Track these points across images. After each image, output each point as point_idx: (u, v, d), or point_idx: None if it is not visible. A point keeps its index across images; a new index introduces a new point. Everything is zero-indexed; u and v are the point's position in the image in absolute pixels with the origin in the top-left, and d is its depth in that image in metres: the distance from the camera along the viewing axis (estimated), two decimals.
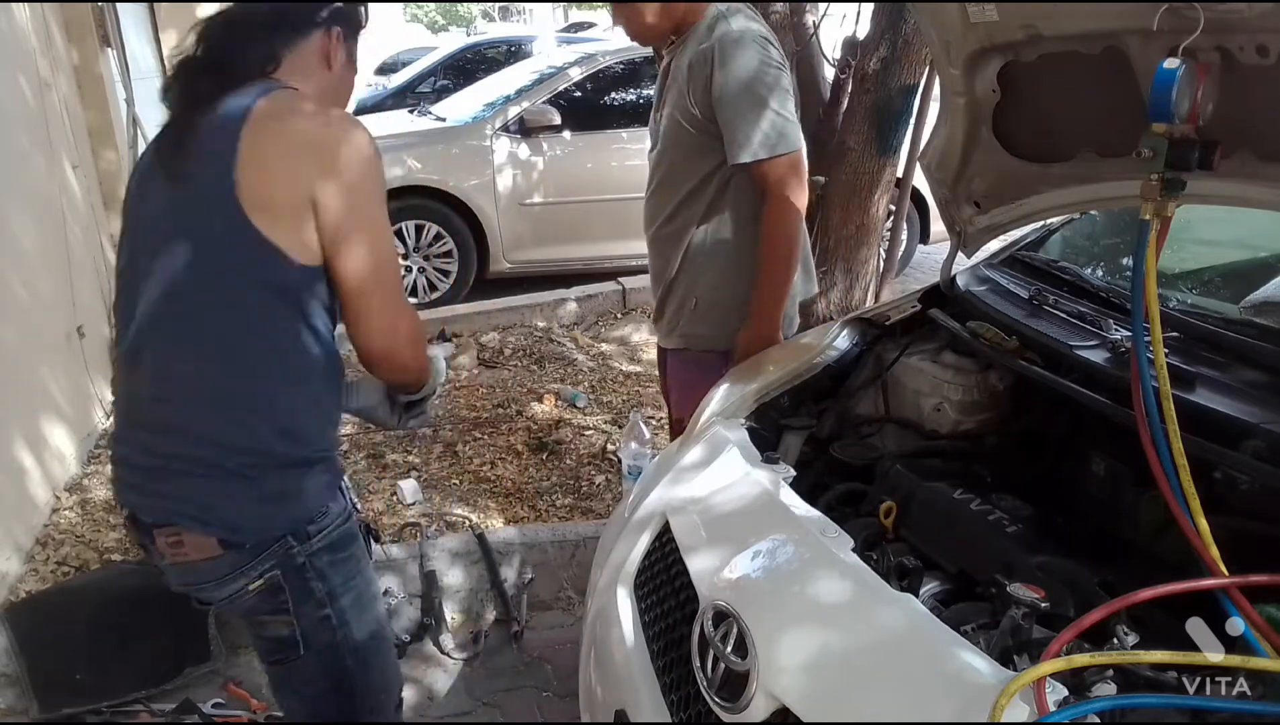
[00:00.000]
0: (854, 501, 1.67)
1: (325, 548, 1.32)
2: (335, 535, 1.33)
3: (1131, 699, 1.01)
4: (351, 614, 1.37)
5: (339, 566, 1.34)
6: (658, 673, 1.38)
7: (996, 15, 1.52)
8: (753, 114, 1.86)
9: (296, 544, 1.29)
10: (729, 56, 1.85)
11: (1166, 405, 1.25)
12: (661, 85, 2.07)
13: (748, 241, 2.01)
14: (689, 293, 2.09)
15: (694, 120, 1.92)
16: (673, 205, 2.04)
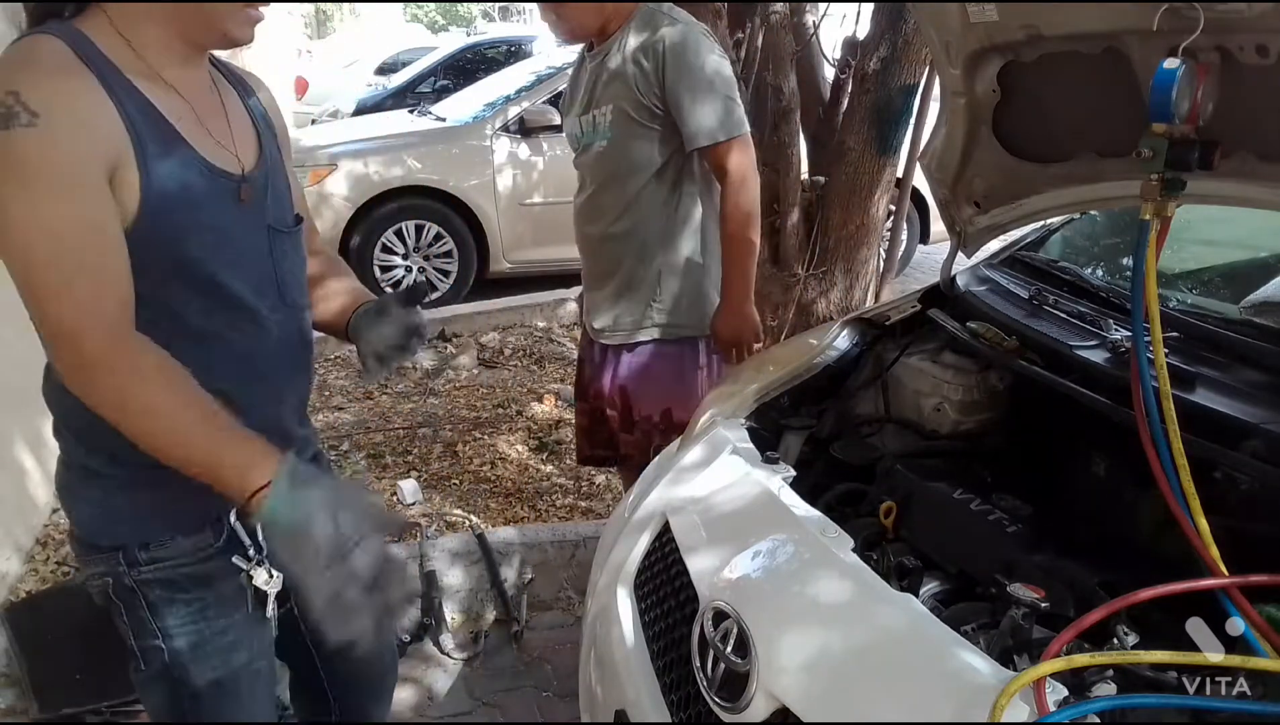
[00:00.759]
0: (854, 501, 1.67)
1: (159, 582, 1.16)
2: (176, 574, 1.16)
3: (1131, 699, 1.01)
4: (187, 659, 1.20)
5: (177, 607, 1.17)
6: (658, 673, 1.38)
7: (996, 15, 1.52)
8: (711, 100, 1.92)
9: (124, 564, 1.15)
10: (682, 48, 1.91)
11: (1166, 405, 1.25)
12: (591, 84, 2.05)
13: (711, 225, 2.09)
14: (654, 285, 2.09)
15: (646, 113, 1.95)
16: (625, 200, 2.04)
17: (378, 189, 5.28)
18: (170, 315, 1.09)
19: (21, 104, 0.94)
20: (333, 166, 5.27)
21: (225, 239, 1.12)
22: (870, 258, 3.93)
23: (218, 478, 1.03)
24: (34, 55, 1.00)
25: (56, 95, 0.97)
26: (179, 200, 1.06)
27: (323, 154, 5.40)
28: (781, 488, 1.47)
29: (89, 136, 0.99)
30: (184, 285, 1.09)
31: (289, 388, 1.26)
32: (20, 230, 0.97)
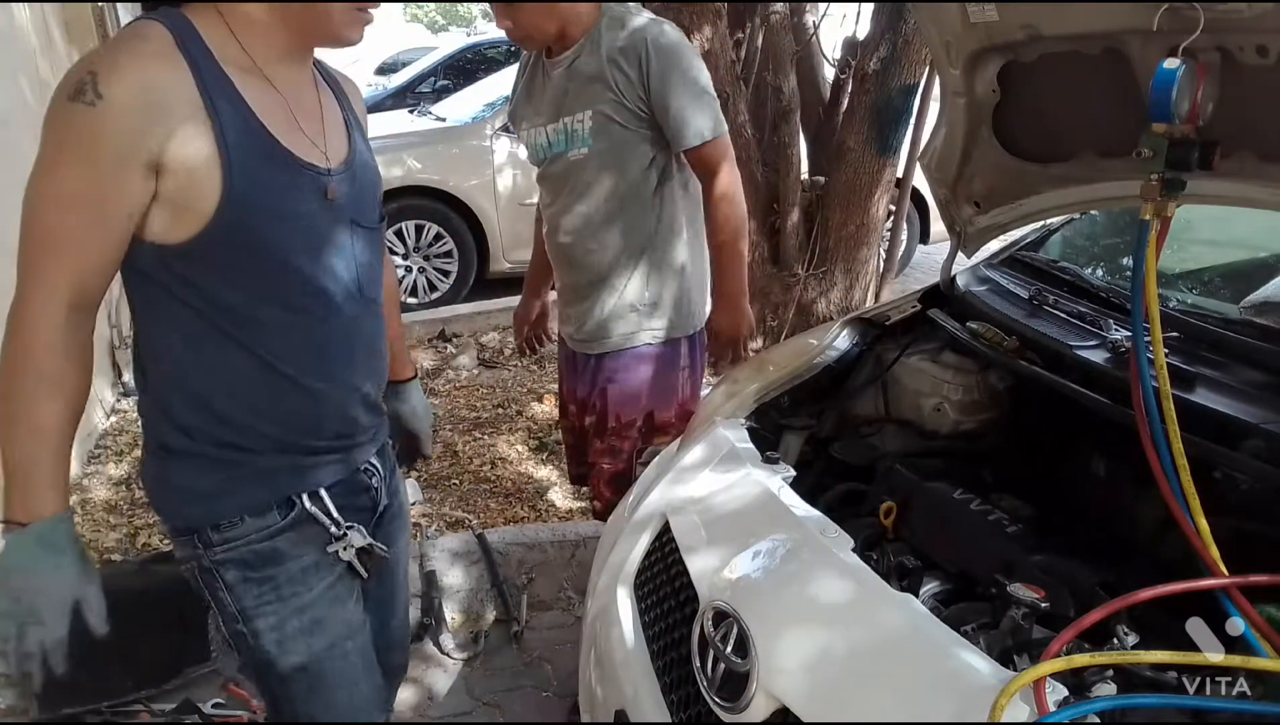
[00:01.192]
0: (854, 501, 1.67)
1: (232, 562, 1.19)
2: (246, 552, 1.19)
3: (1131, 699, 1.01)
4: (268, 641, 1.23)
5: (250, 586, 1.20)
6: (658, 673, 1.38)
7: (996, 15, 1.52)
8: (697, 101, 1.89)
9: (200, 547, 1.19)
10: (666, 47, 1.87)
11: (1166, 405, 1.25)
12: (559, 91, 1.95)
13: (691, 222, 2.06)
14: (641, 291, 2.03)
15: (630, 116, 1.90)
16: (610, 208, 1.98)
17: None
18: (248, 301, 1.13)
19: (94, 84, 0.99)
20: None
21: (307, 229, 1.15)
22: (870, 258, 3.94)
23: (12, 478, 1.07)
24: (132, 40, 1.05)
25: (131, 85, 1.01)
26: (261, 190, 1.09)
27: None
28: (781, 488, 1.47)
29: (142, 131, 1.01)
30: (264, 273, 1.13)
31: (360, 379, 1.27)
32: (37, 187, 1.04)
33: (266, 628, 1.22)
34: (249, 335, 1.13)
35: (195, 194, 1.05)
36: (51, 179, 1.03)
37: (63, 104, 1.01)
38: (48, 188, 1.04)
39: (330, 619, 1.25)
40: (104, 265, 1.07)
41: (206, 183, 1.05)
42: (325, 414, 1.22)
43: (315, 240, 1.17)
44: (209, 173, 1.05)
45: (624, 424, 2.08)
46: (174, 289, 1.10)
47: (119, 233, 1.06)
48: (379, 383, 1.33)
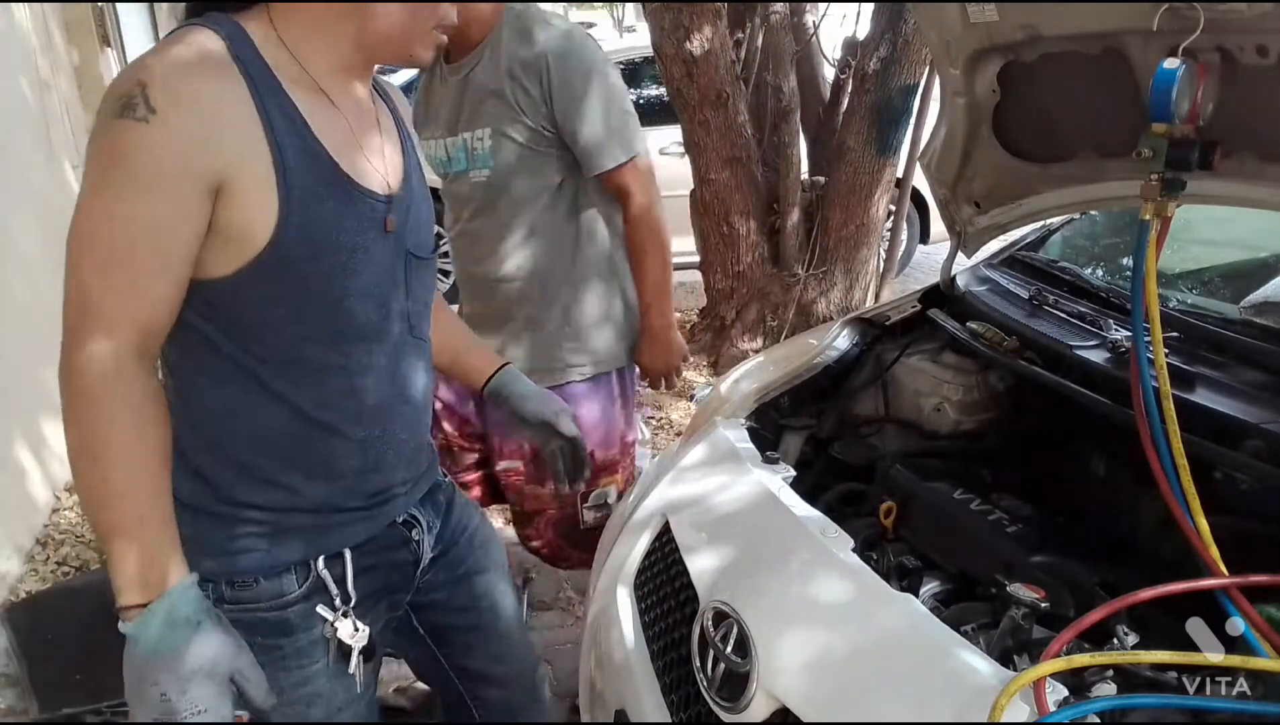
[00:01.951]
0: (854, 501, 1.67)
1: (241, 623, 1.05)
2: (255, 619, 1.07)
3: (1131, 699, 1.01)
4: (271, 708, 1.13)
5: (255, 651, 1.06)
6: (658, 673, 1.38)
7: (996, 15, 1.52)
8: (607, 120, 1.71)
9: (213, 599, 1.05)
10: (568, 60, 1.67)
11: (1166, 405, 1.25)
12: (456, 102, 1.76)
13: (618, 247, 1.90)
14: (562, 323, 1.87)
15: (534, 136, 1.71)
16: (518, 237, 1.80)
17: None
18: (290, 342, 1.02)
19: (145, 98, 0.89)
20: None
21: (361, 263, 1.04)
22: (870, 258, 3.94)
23: (110, 562, 0.94)
24: (182, 49, 0.93)
25: (185, 99, 0.91)
26: (318, 221, 0.99)
27: None
28: (781, 488, 1.47)
29: (202, 149, 0.91)
30: (311, 311, 1.02)
31: (401, 427, 1.16)
32: (88, 213, 0.92)
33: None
34: (285, 379, 1.03)
35: (248, 222, 0.95)
36: (104, 207, 0.91)
37: (110, 121, 0.89)
38: (100, 217, 0.91)
39: (330, 691, 1.15)
40: (168, 302, 0.95)
41: (261, 210, 0.95)
42: (362, 467, 1.11)
43: (369, 276, 1.05)
44: (264, 199, 0.95)
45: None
46: (207, 325, 1.00)
47: (180, 264, 0.94)
48: (422, 432, 1.23)
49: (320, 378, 1.05)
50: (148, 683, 0.93)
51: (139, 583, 0.93)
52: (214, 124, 0.92)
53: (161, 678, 0.93)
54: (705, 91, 3.51)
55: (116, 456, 0.92)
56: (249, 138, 0.94)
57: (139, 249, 0.91)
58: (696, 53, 3.42)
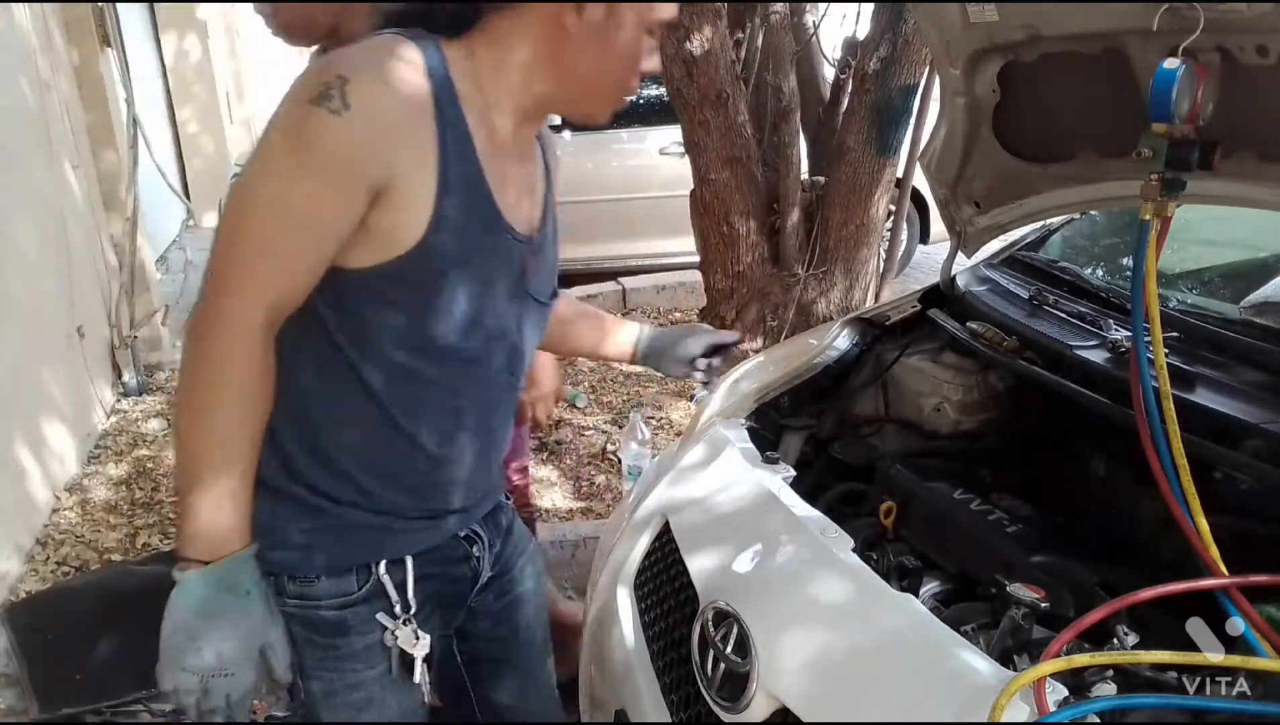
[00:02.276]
0: (854, 501, 1.67)
1: (300, 619, 1.09)
2: (315, 616, 1.10)
3: (1131, 699, 1.01)
4: (318, 703, 1.15)
5: (312, 649, 1.11)
6: (658, 673, 1.38)
7: (996, 15, 1.52)
8: None
9: (275, 591, 1.08)
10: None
11: (1166, 405, 1.25)
12: None
13: None
14: None
15: None
16: None
17: None
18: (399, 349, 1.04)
19: (342, 93, 0.92)
20: None
21: (488, 294, 1.07)
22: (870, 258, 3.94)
23: (184, 511, 0.97)
24: (384, 54, 0.96)
25: (378, 104, 0.94)
26: (460, 247, 1.01)
27: None
28: (781, 488, 1.47)
29: (379, 153, 0.94)
30: (427, 328, 1.04)
31: (476, 455, 1.18)
32: (261, 185, 0.95)
33: (319, 690, 1.14)
34: (383, 383, 1.04)
35: (397, 227, 0.97)
36: (279, 182, 0.94)
37: (303, 106, 0.92)
38: (274, 191, 0.94)
39: (382, 700, 1.15)
40: (308, 283, 0.97)
41: (412, 221, 0.97)
42: (433, 481, 1.12)
43: (491, 307, 1.08)
44: (418, 211, 0.97)
45: None
46: (327, 311, 1.01)
47: (328, 252, 0.97)
48: (495, 459, 1.24)
49: (416, 389, 1.07)
50: (186, 635, 0.97)
51: (205, 540, 0.96)
52: (395, 132, 0.95)
53: (201, 633, 0.97)
54: (705, 91, 3.51)
55: (223, 417, 0.96)
56: (422, 152, 0.97)
57: (298, 231, 0.95)
58: (696, 53, 3.42)
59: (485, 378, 1.12)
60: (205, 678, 0.98)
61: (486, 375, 1.12)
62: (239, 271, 0.95)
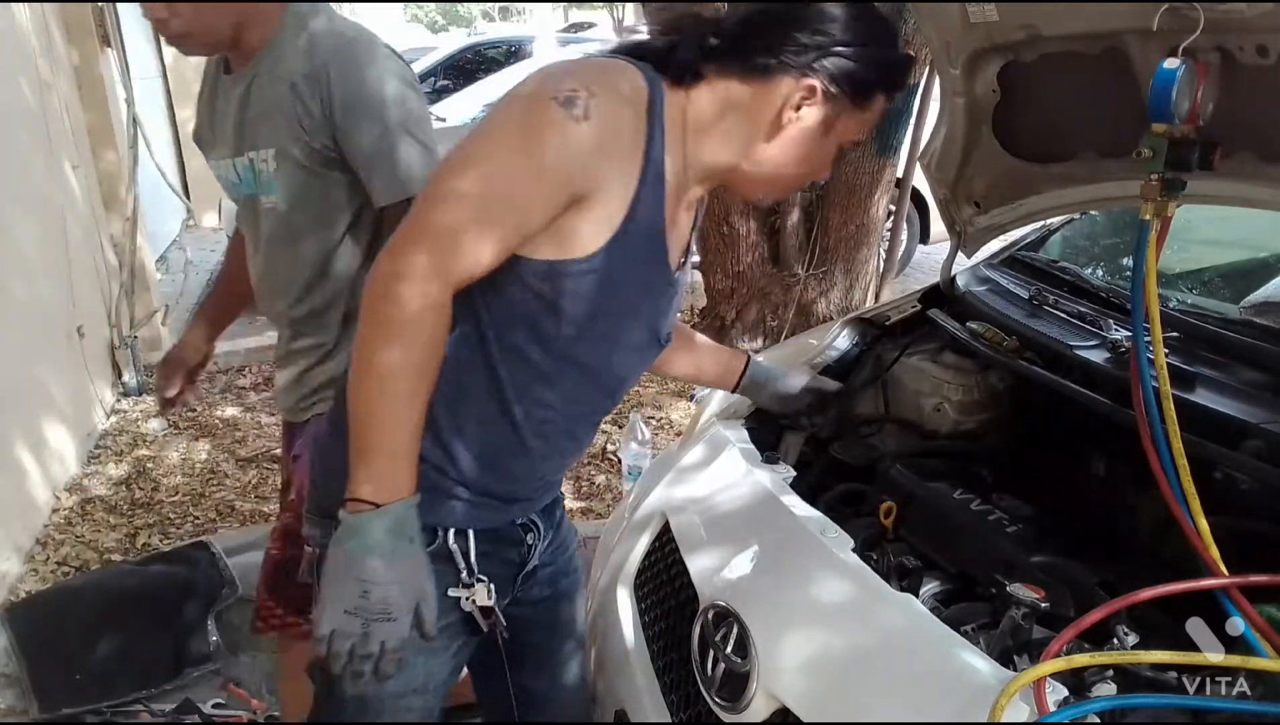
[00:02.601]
0: (854, 501, 1.67)
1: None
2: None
3: (1131, 699, 1.02)
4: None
5: None
6: (658, 673, 1.38)
7: (996, 15, 1.52)
8: (390, 143, 1.44)
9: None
10: (354, 74, 1.42)
11: (1166, 405, 1.25)
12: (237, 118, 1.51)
13: None
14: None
15: (321, 159, 1.46)
16: (311, 273, 1.55)
17: None
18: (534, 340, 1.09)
19: (588, 103, 0.99)
20: None
21: (627, 320, 1.14)
22: (870, 258, 3.94)
23: (359, 457, 1.00)
24: (625, 81, 1.05)
25: (611, 125, 1.01)
26: (630, 266, 1.08)
27: None
28: (781, 488, 1.47)
29: (595, 167, 1.01)
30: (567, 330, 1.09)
31: (563, 459, 1.26)
32: (486, 158, 1.00)
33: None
34: (507, 367, 1.09)
35: (579, 235, 1.03)
36: (503, 161, 1.00)
37: (550, 102, 0.99)
38: (496, 167, 1.00)
39: (415, 665, 1.15)
40: (490, 262, 1.01)
41: (595, 234, 1.04)
42: (514, 470, 1.17)
43: (624, 333, 1.15)
44: (603, 228, 1.04)
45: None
46: (479, 290, 1.05)
47: (516, 240, 1.02)
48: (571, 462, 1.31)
49: (532, 381, 1.12)
50: (353, 575, 0.98)
51: (380, 485, 0.99)
52: (615, 154, 1.02)
53: (369, 574, 0.97)
54: None
55: (407, 374, 0.99)
56: (627, 177, 1.04)
57: (505, 210, 0.99)
58: None
59: (591, 391, 1.18)
60: (368, 621, 0.98)
61: (593, 389, 1.18)
62: (441, 228, 0.98)
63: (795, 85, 1.07)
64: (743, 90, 1.09)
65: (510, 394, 1.11)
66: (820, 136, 1.11)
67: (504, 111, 1.02)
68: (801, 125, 1.09)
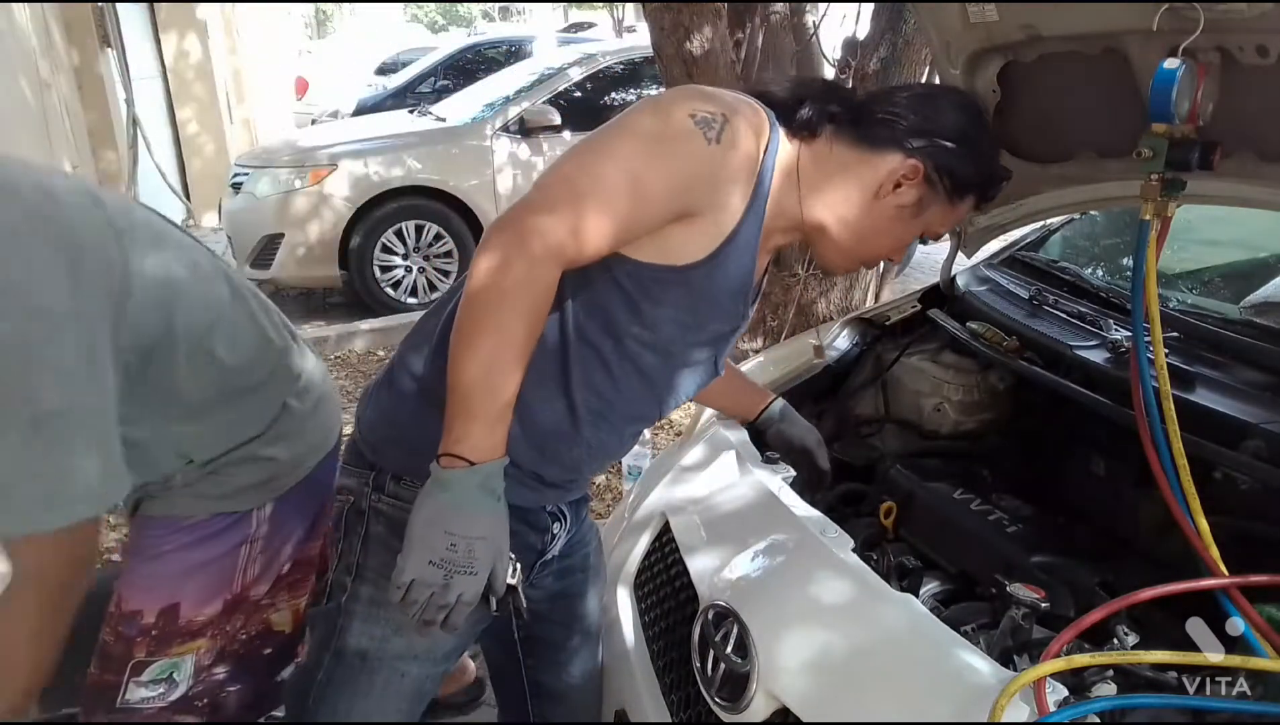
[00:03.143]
0: (854, 501, 1.67)
1: (387, 517, 1.16)
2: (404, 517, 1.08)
3: (1131, 699, 1.02)
4: (357, 609, 1.18)
5: (382, 551, 1.15)
6: (658, 673, 1.38)
7: (996, 15, 1.52)
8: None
9: (370, 486, 1.17)
10: None
11: (1166, 405, 1.25)
12: None
13: None
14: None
15: None
16: None
17: (378, 189, 5.28)
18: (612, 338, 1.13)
19: (721, 130, 1.05)
20: (333, 167, 5.26)
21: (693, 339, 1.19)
22: None
23: (458, 414, 1.03)
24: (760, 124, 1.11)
25: (739, 155, 1.08)
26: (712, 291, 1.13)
27: (323, 154, 5.39)
28: (781, 488, 1.47)
29: (714, 189, 1.07)
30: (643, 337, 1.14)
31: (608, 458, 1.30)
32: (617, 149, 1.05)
33: (365, 597, 1.18)
34: (579, 354, 1.13)
35: (682, 246, 1.08)
36: (634, 161, 1.04)
37: (687, 120, 1.04)
38: (630, 161, 1.04)
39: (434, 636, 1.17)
40: (595, 252, 1.05)
41: (696, 249, 1.09)
42: (560, 454, 1.20)
43: (690, 354, 1.21)
44: (704, 246, 1.09)
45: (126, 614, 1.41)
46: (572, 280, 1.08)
47: (628, 235, 1.06)
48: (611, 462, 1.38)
49: (599, 374, 1.15)
50: (441, 528, 1.01)
51: (477, 444, 1.02)
52: (734, 181, 1.08)
53: (458, 529, 1.01)
54: None
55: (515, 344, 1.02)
56: (736, 205, 1.10)
57: (629, 208, 1.04)
58: (696, 53, 3.41)
59: (645, 396, 1.21)
60: (451, 573, 1.01)
61: (648, 395, 1.21)
62: (564, 209, 1.02)
63: (901, 163, 1.14)
64: (852, 156, 1.15)
65: (575, 379, 1.14)
66: (909, 219, 1.17)
67: (641, 117, 1.07)
68: (897, 202, 1.15)
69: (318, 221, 5.23)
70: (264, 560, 1.40)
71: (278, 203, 5.23)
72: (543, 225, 1.01)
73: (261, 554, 1.40)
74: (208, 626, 1.38)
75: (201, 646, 1.39)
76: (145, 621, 1.38)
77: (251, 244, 5.30)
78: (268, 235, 5.24)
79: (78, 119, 3.95)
